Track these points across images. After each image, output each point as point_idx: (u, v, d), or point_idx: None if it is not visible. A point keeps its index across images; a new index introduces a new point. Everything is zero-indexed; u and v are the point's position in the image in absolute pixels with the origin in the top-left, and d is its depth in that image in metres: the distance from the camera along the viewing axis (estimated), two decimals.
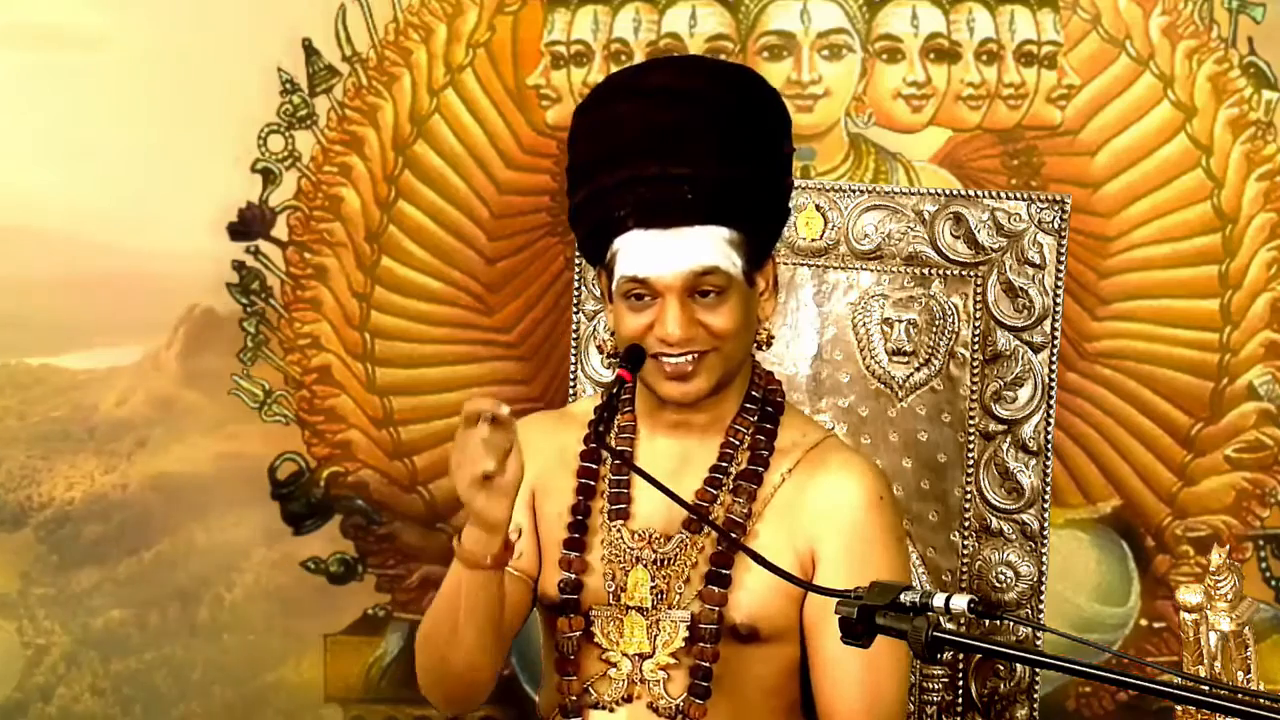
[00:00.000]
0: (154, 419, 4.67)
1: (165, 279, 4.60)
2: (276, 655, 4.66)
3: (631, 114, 2.85)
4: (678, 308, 2.82)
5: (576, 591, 2.93)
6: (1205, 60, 4.48)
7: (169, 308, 4.64)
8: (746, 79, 2.94)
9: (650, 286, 2.84)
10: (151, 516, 4.66)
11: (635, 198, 2.81)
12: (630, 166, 2.82)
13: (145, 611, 4.66)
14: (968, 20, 4.51)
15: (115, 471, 4.67)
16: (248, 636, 4.67)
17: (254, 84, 4.58)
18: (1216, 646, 2.89)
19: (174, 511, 4.65)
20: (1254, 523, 4.54)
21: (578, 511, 2.95)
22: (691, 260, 2.82)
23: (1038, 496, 3.27)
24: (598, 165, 2.86)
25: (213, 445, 4.66)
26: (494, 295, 4.64)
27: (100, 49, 4.60)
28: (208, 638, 4.67)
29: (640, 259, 2.83)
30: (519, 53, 4.60)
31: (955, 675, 3.29)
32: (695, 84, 2.87)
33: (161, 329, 4.65)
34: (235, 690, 4.66)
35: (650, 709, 2.90)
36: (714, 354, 2.86)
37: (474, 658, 2.87)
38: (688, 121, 2.83)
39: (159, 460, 4.67)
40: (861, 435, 3.34)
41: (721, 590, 2.87)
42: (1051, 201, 3.28)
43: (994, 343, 3.28)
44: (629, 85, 2.93)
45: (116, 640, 4.65)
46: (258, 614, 4.66)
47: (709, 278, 2.83)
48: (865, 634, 2.36)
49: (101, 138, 4.59)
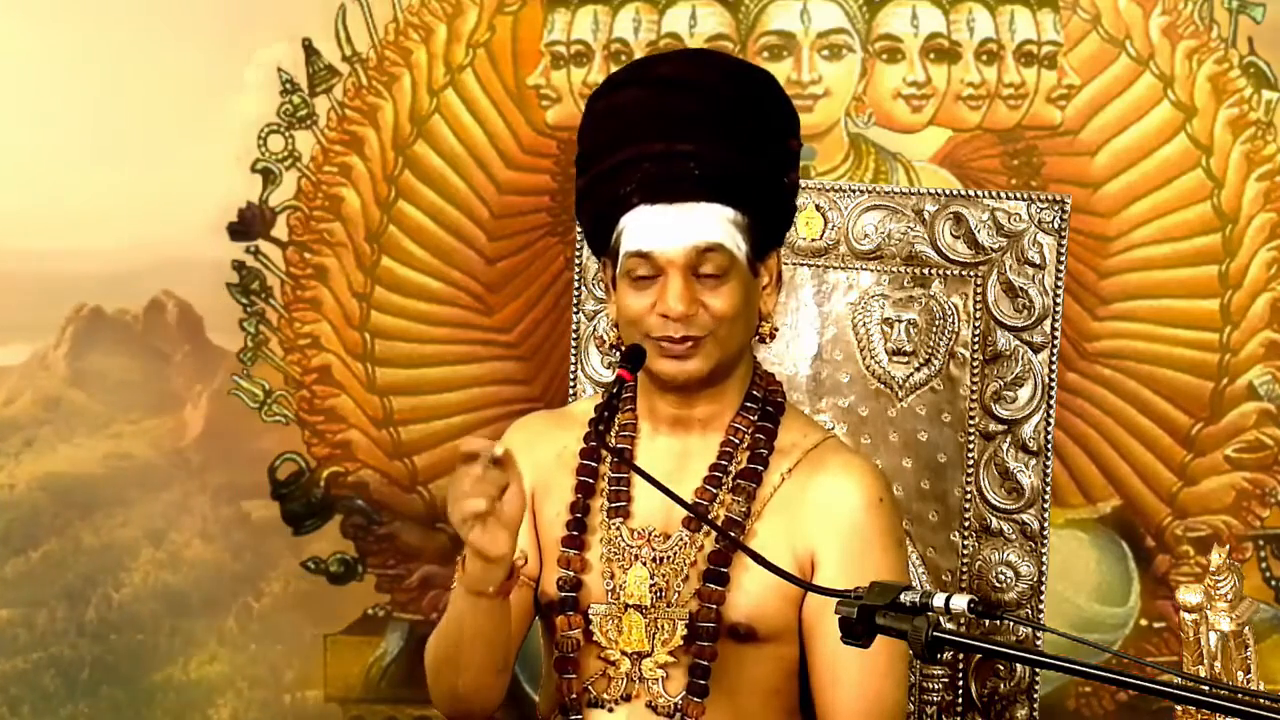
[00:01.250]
0: (42, 419, 4.68)
1: (53, 279, 4.61)
2: (165, 655, 4.66)
3: (638, 100, 2.88)
4: (680, 283, 2.83)
5: (576, 590, 2.93)
6: (1205, 60, 4.48)
7: (57, 307, 4.64)
8: (753, 72, 2.95)
9: (654, 262, 2.84)
10: (40, 516, 4.66)
11: (641, 174, 2.83)
12: (636, 144, 2.84)
13: (34, 611, 4.67)
14: (968, 20, 4.51)
15: (2, 471, 4.67)
16: (136, 636, 4.67)
17: (254, 84, 4.58)
18: (1216, 646, 2.89)
19: (63, 511, 4.66)
20: (1254, 523, 4.54)
21: (577, 510, 2.96)
22: (696, 236, 2.83)
23: (1038, 496, 3.27)
24: (603, 149, 2.88)
25: (100, 445, 4.66)
26: (494, 295, 4.64)
27: (100, 48, 4.60)
28: (94, 637, 4.67)
29: (645, 234, 2.84)
30: (519, 53, 4.60)
31: (955, 675, 3.29)
32: (702, 74, 2.89)
33: (49, 329, 4.65)
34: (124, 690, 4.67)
35: (649, 708, 2.90)
36: (711, 339, 2.86)
37: (481, 679, 2.90)
38: (694, 107, 2.85)
39: (46, 460, 4.67)
40: (861, 435, 3.34)
41: (720, 589, 2.87)
42: (1051, 201, 3.28)
43: (994, 343, 3.28)
44: (636, 75, 2.95)
45: (4, 640, 4.66)
46: (145, 613, 4.67)
47: (712, 255, 2.84)
48: (865, 634, 2.36)
49: (102, 137, 4.59)
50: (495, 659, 2.88)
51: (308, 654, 4.68)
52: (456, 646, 2.87)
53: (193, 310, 4.65)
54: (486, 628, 2.84)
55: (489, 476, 2.70)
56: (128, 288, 4.63)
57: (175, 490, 4.67)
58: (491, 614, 2.82)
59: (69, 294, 4.63)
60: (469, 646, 2.86)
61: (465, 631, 2.85)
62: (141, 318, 4.67)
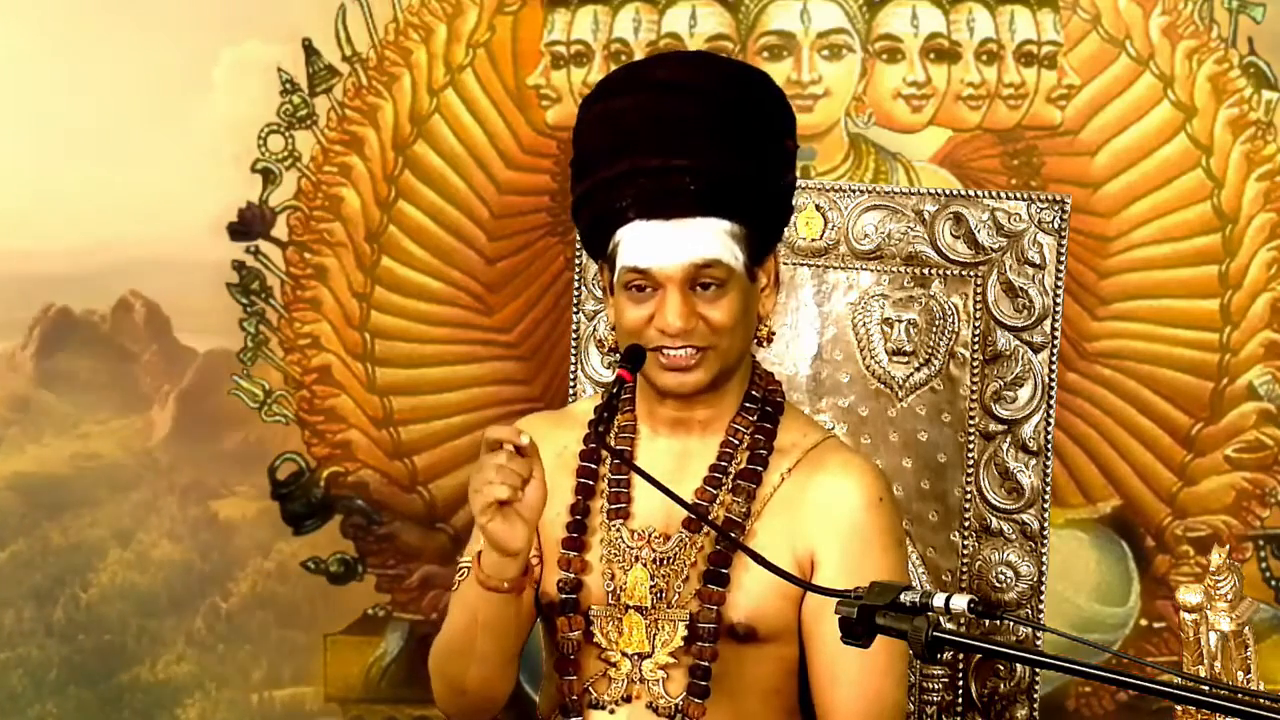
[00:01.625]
0: (9, 419, 4.67)
1: (20, 280, 4.60)
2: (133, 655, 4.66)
3: (634, 106, 2.86)
4: (678, 299, 2.82)
5: (576, 591, 2.93)
6: (1205, 60, 4.48)
7: (25, 307, 4.64)
8: (749, 74, 2.94)
9: (651, 278, 2.83)
10: (7, 517, 4.66)
11: (636, 189, 2.82)
12: (631, 158, 2.82)
13: (1, 611, 4.67)
14: (968, 20, 4.51)
15: None
16: (104, 636, 4.67)
17: (254, 84, 4.58)
18: (1216, 646, 2.89)
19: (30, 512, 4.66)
20: (1254, 523, 4.54)
21: (576, 511, 2.95)
22: (693, 252, 2.82)
23: (1038, 496, 3.27)
24: (599, 157, 2.86)
25: (68, 445, 4.66)
26: (494, 295, 4.64)
27: (101, 48, 4.60)
28: (62, 637, 4.67)
29: (641, 250, 2.83)
30: (519, 53, 4.60)
31: (955, 675, 3.29)
32: (698, 78, 2.87)
33: (17, 329, 4.65)
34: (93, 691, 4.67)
35: (649, 709, 2.89)
36: (712, 351, 2.86)
37: (490, 673, 2.90)
38: (690, 114, 2.83)
39: (14, 460, 4.67)
40: (861, 435, 3.34)
41: (720, 590, 2.87)
42: (1051, 201, 3.28)
43: (994, 343, 3.28)
44: (633, 78, 2.94)
45: None
46: (112, 613, 4.67)
47: (710, 270, 2.83)
48: (865, 634, 2.36)
49: (101, 137, 4.59)
50: (504, 657, 2.89)
51: (304, 654, 4.68)
52: (465, 643, 2.87)
53: (160, 310, 4.65)
54: (497, 623, 2.84)
55: (514, 464, 2.70)
56: (95, 287, 4.63)
57: (144, 490, 4.67)
58: (503, 610, 2.82)
59: (37, 294, 4.63)
60: (480, 643, 2.86)
61: (478, 625, 2.84)
62: (109, 317, 4.67)
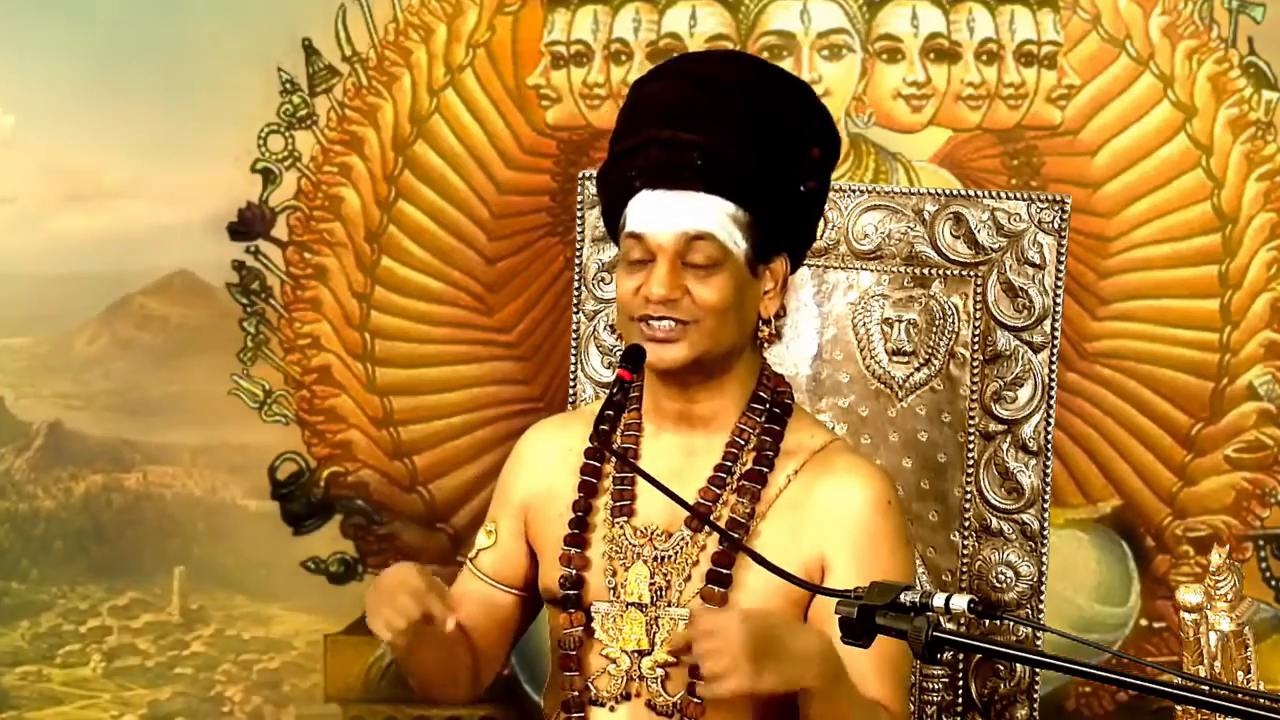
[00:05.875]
0: None
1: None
2: None
3: (659, 91, 2.91)
4: (666, 268, 2.84)
5: (577, 587, 2.93)
6: (1205, 60, 4.48)
7: None
8: (784, 78, 2.97)
9: (645, 245, 2.85)
10: None
11: (646, 159, 2.86)
12: (646, 130, 2.87)
13: None
14: (968, 20, 4.51)
15: None
16: None
17: (254, 84, 4.59)
18: (1216, 646, 2.89)
19: None
20: (1254, 523, 4.54)
21: (579, 509, 2.96)
22: (688, 223, 2.84)
23: (1038, 496, 3.27)
24: (623, 134, 2.92)
25: None
26: (494, 295, 4.64)
27: (100, 48, 4.60)
28: None
29: (641, 217, 2.86)
30: (519, 53, 4.60)
31: (955, 675, 3.29)
32: (730, 73, 2.92)
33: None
34: None
35: (649, 707, 2.89)
36: (695, 326, 2.85)
37: (444, 681, 2.99)
38: (710, 102, 2.87)
39: None
40: (861, 435, 3.33)
41: (722, 590, 2.87)
42: (1051, 201, 3.28)
43: (994, 343, 3.28)
44: (672, 67, 3.01)
45: None
46: None
47: (703, 244, 2.84)
48: (865, 634, 2.36)
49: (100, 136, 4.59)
50: (451, 669, 2.97)
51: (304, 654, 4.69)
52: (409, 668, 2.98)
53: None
54: (428, 657, 2.92)
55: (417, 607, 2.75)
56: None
57: None
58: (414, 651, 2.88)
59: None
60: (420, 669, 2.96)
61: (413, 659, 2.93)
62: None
